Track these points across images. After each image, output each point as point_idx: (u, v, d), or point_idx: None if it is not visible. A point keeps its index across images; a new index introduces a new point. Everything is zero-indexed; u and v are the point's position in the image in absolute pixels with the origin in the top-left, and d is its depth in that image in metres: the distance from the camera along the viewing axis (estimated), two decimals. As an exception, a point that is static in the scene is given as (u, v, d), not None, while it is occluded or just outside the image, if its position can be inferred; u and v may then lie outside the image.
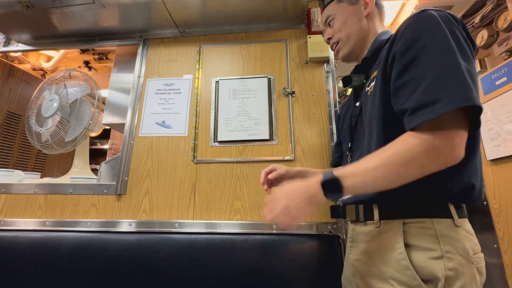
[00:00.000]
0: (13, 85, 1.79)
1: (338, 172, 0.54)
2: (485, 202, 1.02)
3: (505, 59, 1.45)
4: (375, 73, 0.65)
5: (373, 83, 0.64)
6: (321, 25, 0.83)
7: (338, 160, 0.91)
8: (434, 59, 0.50)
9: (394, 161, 0.50)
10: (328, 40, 0.80)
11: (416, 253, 0.54)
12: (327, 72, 1.17)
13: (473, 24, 1.59)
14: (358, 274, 0.64)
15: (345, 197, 0.54)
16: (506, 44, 1.46)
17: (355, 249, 0.67)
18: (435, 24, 0.53)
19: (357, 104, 0.73)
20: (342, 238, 0.95)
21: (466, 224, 0.57)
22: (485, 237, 1.00)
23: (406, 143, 0.50)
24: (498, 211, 1.00)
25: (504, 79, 1.10)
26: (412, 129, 0.51)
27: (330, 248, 0.93)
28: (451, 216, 0.55)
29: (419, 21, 0.55)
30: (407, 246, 0.55)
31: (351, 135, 0.74)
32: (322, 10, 1.23)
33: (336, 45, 0.77)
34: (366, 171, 0.52)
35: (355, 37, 0.74)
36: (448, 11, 0.56)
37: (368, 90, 0.66)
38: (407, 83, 0.52)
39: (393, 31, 0.62)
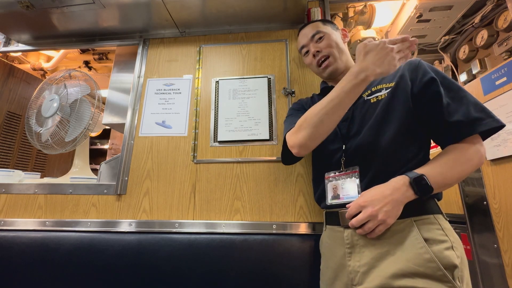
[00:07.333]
0: (13, 85, 1.80)
1: (420, 171, 0.62)
2: (485, 202, 1.02)
3: (505, 59, 1.45)
4: (379, 86, 0.75)
5: (379, 94, 0.74)
6: (305, 39, 0.89)
7: None
8: (463, 89, 0.65)
9: (464, 162, 0.61)
10: (317, 53, 0.85)
11: (433, 246, 0.58)
12: (327, 72, 1.17)
13: (473, 24, 1.59)
14: (364, 280, 0.62)
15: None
16: (506, 44, 1.46)
17: (357, 255, 0.65)
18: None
19: None
20: (342, 238, 0.95)
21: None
22: (485, 237, 1.00)
23: (469, 148, 0.62)
24: (498, 211, 1.00)
25: (504, 79, 1.10)
26: (462, 139, 0.63)
27: (330, 248, 0.93)
28: (441, 212, 0.64)
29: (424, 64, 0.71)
30: (424, 240, 0.59)
31: (343, 138, 0.77)
32: (323, 11, 1.24)
33: (325, 59, 0.84)
34: (446, 171, 0.60)
35: (342, 57, 0.85)
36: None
37: (369, 99, 0.75)
38: (457, 100, 0.64)
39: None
